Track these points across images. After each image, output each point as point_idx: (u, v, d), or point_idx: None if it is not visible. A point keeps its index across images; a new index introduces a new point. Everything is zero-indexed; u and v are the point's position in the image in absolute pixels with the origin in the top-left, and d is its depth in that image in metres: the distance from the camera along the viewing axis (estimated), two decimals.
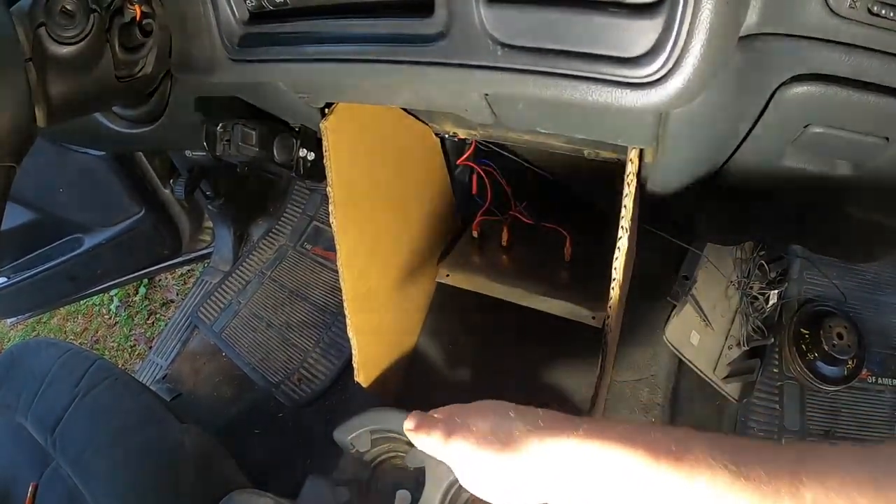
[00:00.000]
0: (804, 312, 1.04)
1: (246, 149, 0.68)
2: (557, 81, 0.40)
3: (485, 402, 0.50)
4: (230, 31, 0.57)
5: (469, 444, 0.45)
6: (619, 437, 0.38)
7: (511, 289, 1.02)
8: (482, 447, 0.44)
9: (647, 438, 0.36)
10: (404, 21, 0.45)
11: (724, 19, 0.37)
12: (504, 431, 0.45)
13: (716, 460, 0.33)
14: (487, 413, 0.48)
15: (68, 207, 1.22)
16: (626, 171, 0.57)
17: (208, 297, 1.39)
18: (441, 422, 0.51)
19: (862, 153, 0.49)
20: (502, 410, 0.48)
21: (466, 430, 0.47)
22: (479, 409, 0.50)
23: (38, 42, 0.53)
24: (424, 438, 0.51)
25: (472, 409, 0.50)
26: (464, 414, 0.49)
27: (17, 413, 0.87)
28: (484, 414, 0.48)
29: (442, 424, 0.50)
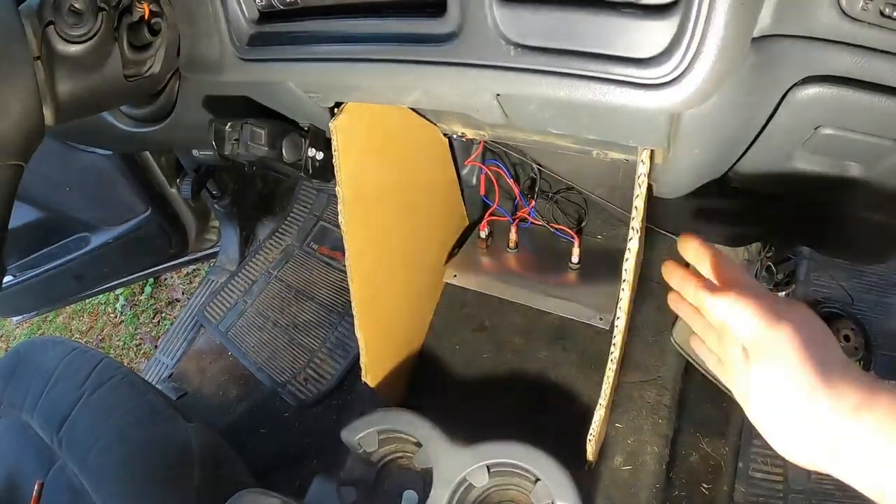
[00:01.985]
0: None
1: (255, 148, 0.68)
2: (570, 82, 0.40)
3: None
4: (239, 30, 0.57)
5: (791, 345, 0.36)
6: None
7: (518, 290, 1.02)
8: (802, 355, 0.36)
9: None
10: (416, 21, 0.45)
11: (738, 20, 0.37)
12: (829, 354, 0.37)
13: None
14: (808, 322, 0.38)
15: (75, 206, 1.23)
16: (637, 173, 0.57)
17: (214, 296, 1.39)
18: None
19: (872, 155, 0.49)
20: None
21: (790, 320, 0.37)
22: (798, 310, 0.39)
23: (47, 41, 0.53)
24: (739, 303, 0.38)
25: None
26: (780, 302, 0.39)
27: (24, 411, 0.88)
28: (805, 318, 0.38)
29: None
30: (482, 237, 1.09)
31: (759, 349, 0.38)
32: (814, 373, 0.36)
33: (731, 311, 0.39)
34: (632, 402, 0.90)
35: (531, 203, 1.09)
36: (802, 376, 0.36)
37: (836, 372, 0.36)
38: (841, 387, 0.36)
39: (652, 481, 0.84)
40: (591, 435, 0.74)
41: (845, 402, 0.35)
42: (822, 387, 0.36)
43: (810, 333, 0.37)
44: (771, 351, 0.37)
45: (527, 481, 0.70)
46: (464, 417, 0.93)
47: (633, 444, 0.87)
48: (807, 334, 0.37)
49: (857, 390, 0.35)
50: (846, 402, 0.35)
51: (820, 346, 0.37)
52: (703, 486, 0.90)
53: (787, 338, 0.37)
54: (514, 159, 1.07)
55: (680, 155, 0.53)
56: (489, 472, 0.70)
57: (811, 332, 0.37)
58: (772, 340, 0.37)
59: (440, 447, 0.71)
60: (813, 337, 0.37)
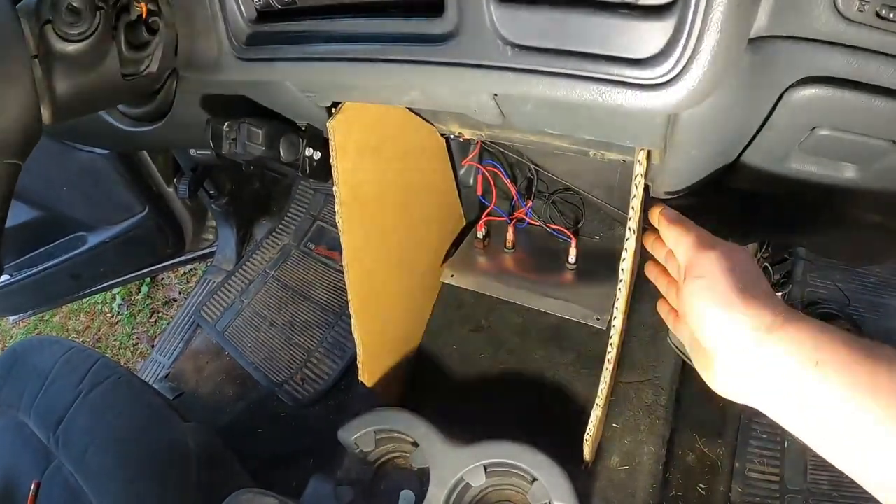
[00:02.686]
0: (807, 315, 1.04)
1: (252, 147, 0.67)
2: (567, 82, 0.40)
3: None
4: (237, 29, 0.57)
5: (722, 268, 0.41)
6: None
7: (515, 290, 1.02)
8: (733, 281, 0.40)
9: None
10: (414, 21, 0.45)
11: (734, 22, 0.37)
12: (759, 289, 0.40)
13: None
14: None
15: (72, 205, 1.22)
16: (633, 173, 0.57)
17: (211, 296, 1.39)
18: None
19: (867, 156, 0.49)
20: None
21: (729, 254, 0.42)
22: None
23: (44, 39, 0.53)
24: (681, 230, 0.46)
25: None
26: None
27: (20, 411, 0.87)
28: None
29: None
30: (479, 237, 1.09)
31: (690, 269, 0.43)
32: (733, 289, 0.40)
33: (676, 240, 0.46)
34: (628, 402, 0.90)
35: (528, 203, 1.09)
36: (722, 291, 0.40)
37: (756, 294, 0.39)
38: (757, 306, 0.38)
39: (649, 481, 0.85)
40: (588, 435, 0.74)
41: (760, 321, 0.38)
42: (739, 302, 0.39)
43: (737, 261, 0.42)
44: (698, 270, 0.42)
45: (524, 481, 0.70)
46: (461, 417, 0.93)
47: (630, 444, 0.87)
48: (733, 261, 0.41)
49: (774, 312, 0.38)
50: (761, 320, 0.38)
51: (744, 272, 0.41)
52: (700, 486, 0.91)
53: (713, 259, 0.42)
54: (511, 159, 1.07)
55: (677, 155, 0.53)
56: (486, 471, 0.70)
57: (737, 260, 0.42)
58: (701, 259, 0.42)
59: (437, 447, 0.71)
60: (739, 264, 0.41)
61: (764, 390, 0.38)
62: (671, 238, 0.48)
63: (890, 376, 0.33)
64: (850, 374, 0.34)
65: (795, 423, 0.37)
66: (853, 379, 0.34)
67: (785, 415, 0.37)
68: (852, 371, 0.34)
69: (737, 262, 0.42)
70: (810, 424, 0.36)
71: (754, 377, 0.38)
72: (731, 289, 0.40)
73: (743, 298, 0.39)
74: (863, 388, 0.33)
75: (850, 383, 0.34)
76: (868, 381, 0.33)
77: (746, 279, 0.40)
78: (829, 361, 0.35)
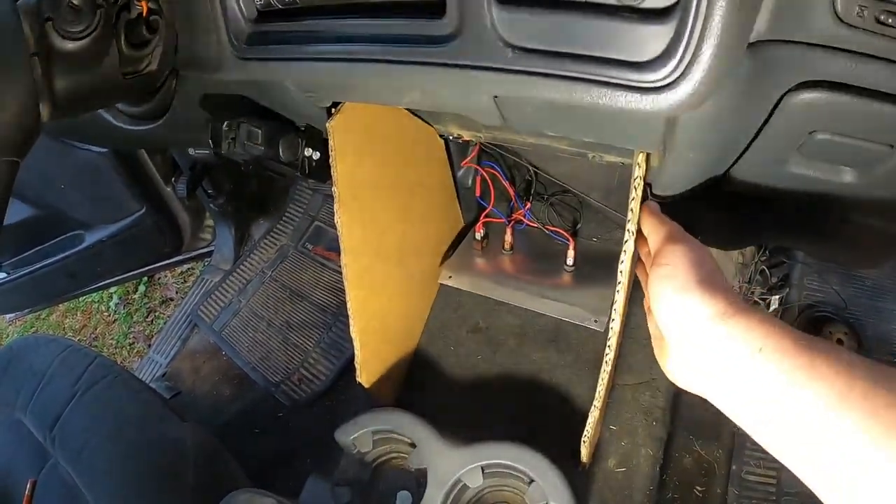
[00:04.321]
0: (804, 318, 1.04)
1: (252, 147, 0.67)
2: (568, 84, 0.40)
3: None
4: (238, 28, 0.57)
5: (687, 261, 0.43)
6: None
7: (513, 291, 1.02)
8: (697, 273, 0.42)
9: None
10: (415, 21, 0.45)
11: (734, 26, 0.37)
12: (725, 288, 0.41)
13: None
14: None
15: (69, 204, 1.22)
16: (632, 175, 0.57)
17: (209, 295, 1.39)
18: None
19: (866, 160, 0.49)
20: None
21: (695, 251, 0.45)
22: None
23: (44, 36, 0.53)
24: (656, 222, 0.50)
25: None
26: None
27: (16, 409, 0.87)
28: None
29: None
30: (478, 239, 1.09)
31: (657, 258, 0.46)
32: (692, 278, 0.42)
33: (650, 230, 0.50)
34: (626, 404, 0.91)
35: (527, 205, 1.09)
36: (681, 279, 0.42)
37: (713, 286, 0.41)
38: (712, 296, 0.40)
39: (645, 483, 0.85)
40: (586, 436, 0.74)
41: (714, 309, 0.39)
42: (696, 290, 0.41)
43: (700, 256, 0.44)
44: (663, 258, 0.45)
45: (521, 482, 0.70)
46: (458, 418, 0.94)
47: (627, 446, 0.87)
48: (697, 255, 0.44)
49: (727, 302, 0.39)
50: (714, 308, 0.39)
51: (704, 266, 0.43)
52: (697, 488, 0.91)
53: (678, 250, 0.44)
54: (509, 161, 1.07)
55: (675, 158, 0.53)
56: (483, 472, 0.70)
57: (701, 256, 0.44)
58: (667, 249, 0.45)
59: (435, 448, 0.71)
60: (702, 259, 0.44)
61: (711, 377, 0.40)
62: (646, 228, 0.51)
63: (828, 363, 0.34)
64: (791, 360, 0.35)
65: (740, 411, 0.38)
66: (793, 364, 0.34)
67: (731, 403, 0.39)
68: (792, 357, 0.35)
69: (700, 257, 0.44)
70: (753, 413, 0.37)
71: (702, 365, 0.40)
72: (689, 278, 0.42)
73: (700, 287, 0.41)
74: (802, 374, 0.34)
75: (790, 369, 0.34)
76: (807, 367, 0.34)
77: (705, 272, 0.42)
78: (771, 348, 0.36)
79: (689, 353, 0.41)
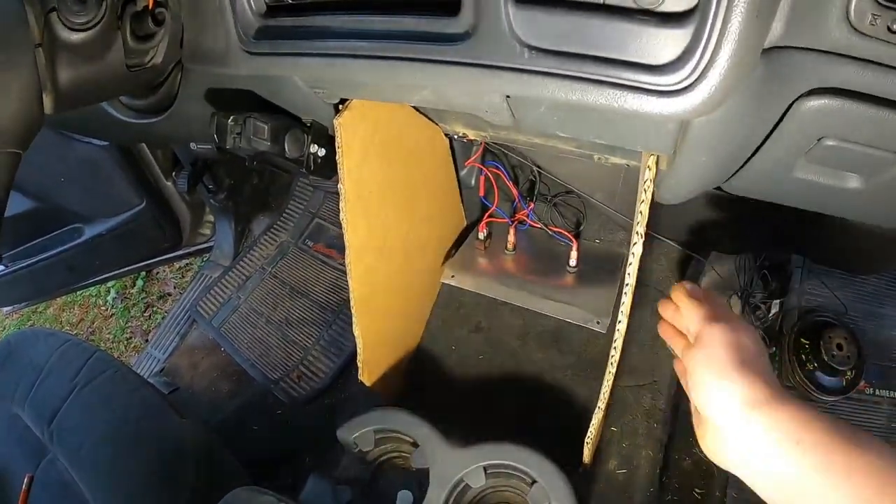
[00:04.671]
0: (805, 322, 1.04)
1: (257, 143, 0.67)
2: (583, 86, 0.40)
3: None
4: (246, 22, 0.56)
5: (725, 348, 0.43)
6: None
7: (516, 291, 1.02)
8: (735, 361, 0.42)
9: None
10: (429, 19, 0.45)
11: (751, 32, 0.37)
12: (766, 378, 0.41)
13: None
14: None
15: (69, 197, 1.21)
16: (642, 178, 0.57)
17: (208, 291, 1.38)
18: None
19: (872, 167, 0.49)
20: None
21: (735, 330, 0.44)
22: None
23: (49, 27, 0.52)
24: (694, 302, 0.49)
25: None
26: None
27: (14, 403, 0.86)
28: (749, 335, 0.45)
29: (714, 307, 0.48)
30: (480, 238, 1.09)
31: (697, 340, 0.46)
32: (731, 362, 0.42)
33: (690, 311, 0.48)
34: (627, 405, 0.91)
35: (530, 205, 1.09)
36: (720, 362, 0.42)
37: (752, 370, 0.41)
38: (751, 382, 0.40)
39: (646, 485, 0.85)
40: (589, 437, 0.74)
41: (752, 395, 0.40)
42: (734, 375, 0.41)
43: (740, 337, 0.44)
44: (703, 341, 0.45)
45: (523, 483, 0.70)
46: (459, 418, 0.93)
47: (628, 448, 0.87)
48: (736, 336, 0.44)
49: (766, 389, 0.40)
50: (752, 395, 0.40)
51: (744, 348, 0.43)
52: (696, 490, 0.91)
53: (718, 332, 0.44)
54: (513, 161, 1.07)
55: (685, 161, 0.53)
56: (486, 473, 0.70)
57: (741, 337, 0.44)
58: (708, 331, 0.45)
59: (437, 448, 0.71)
60: (742, 340, 0.44)
61: (747, 463, 0.40)
62: (684, 307, 0.50)
63: (864, 460, 0.35)
64: (827, 455, 0.36)
65: (775, 498, 0.39)
66: (830, 459, 0.35)
67: (765, 489, 0.39)
68: (830, 452, 0.36)
69: (740, 338, 0.44)
70: (786, 499, 0.38)
71: (739, 449, 0.40)
72: (728, 361, 0.42)
73: (739, 372, 0.41)
74: (838, 469, 0.35)
75: (827, 463, 0.35)
76: (844, 462, 0.35)
77: (746, 355, 0.43)
78: (808, 442, 0.36)
79: (725, 436, 0.41)
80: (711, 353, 0.43)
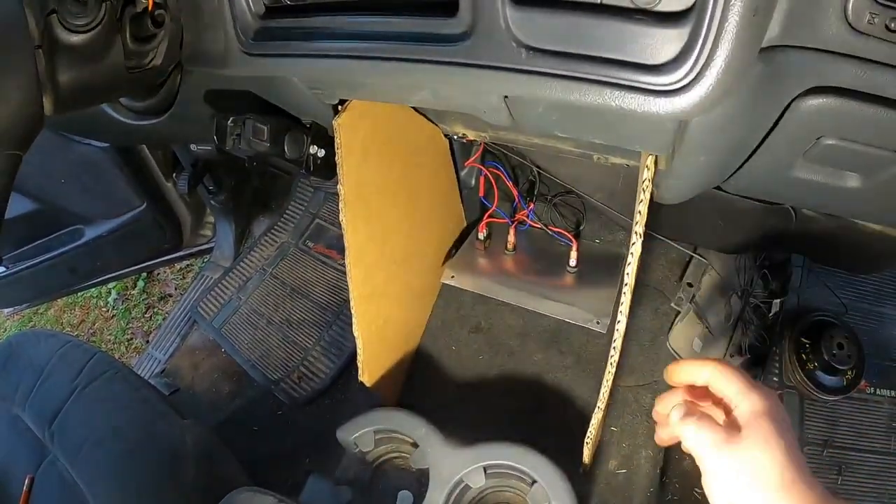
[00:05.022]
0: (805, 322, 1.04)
1: (257, 144, 0.67)
2: (581, 86, 0.40)
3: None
4: (245, 24, 0.57)
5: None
6: None
7: (516, 292, 1.02)
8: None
9: None
10: (427, 20, 0.45)
11: (748, 31, 0.37)
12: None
13: None
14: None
15: (69, 198, 1.21)
16: (640, 178, 0.57)
17: (208, 292, 1.38)
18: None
19: (871, 166, 0.49)
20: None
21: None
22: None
23: (49, 29, 0.52)
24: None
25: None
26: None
27: (15, 404, 0.86)
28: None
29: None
30: (480, 239, 1.09)
31: (745, 431, 0.39)
32: (787, 464, 0.37)
33: (725, 382, 0.42)
34: (627, 405, 0.91)
35: (530, 205, 1.09)
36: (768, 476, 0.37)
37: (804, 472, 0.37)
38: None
39: (646, 485, 0.85)
40: (589, 438, 0.74)
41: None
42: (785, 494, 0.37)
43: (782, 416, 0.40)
44: (751, 438, 0.39)
45: (523, 483, 0.70)
46: (459, 418, 0.93)
47: (628, 448, 0.87)
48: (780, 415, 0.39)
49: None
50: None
51: (788, 432, 0.39)
52: (696, 490, 0.91)
53: (766, 427, 0.39)
54: (513, 161, 1.07)
55: (684, 161, 0.53)
56: (486, 473, 0.70)
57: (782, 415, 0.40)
58: (754, 425, 0.39)
59: (437, 448, 0.71)
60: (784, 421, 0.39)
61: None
62: (722, 379, 0.43)
63: None
64: None
65: None
66: None
67: None
68: None
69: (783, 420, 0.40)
70: None
71: None
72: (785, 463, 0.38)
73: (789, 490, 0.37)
74: None
75: None
76: None
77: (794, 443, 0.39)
78: None
79: None
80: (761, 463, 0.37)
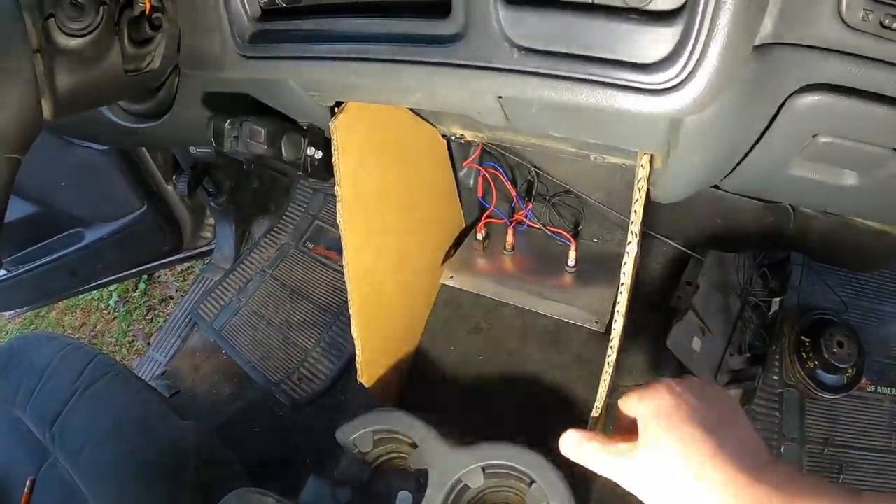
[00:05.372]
0: (805, 320, 1.04)
1: (254, 146, 0.67)
2: (574, 86, 0.40)
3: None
4: (241, 27, 0.57)
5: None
6: None
7: (514, 292, 1.02)
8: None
9: None
10: (420, 21, 0.45)
11: (740, 28, 0.37)
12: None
13: None
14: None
15: (70, 201, 1.22)
16: (636, 177, 0.57)
17: (209, 294, 1.39)
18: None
19: (868, 163, 0.49)
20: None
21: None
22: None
23: (47, 33, 0.53)
24: None
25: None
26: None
27: (16, 406, 0.87)
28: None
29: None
30: (479, 239, 1.09)
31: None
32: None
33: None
34: None
35: (528, 205, 1.09)
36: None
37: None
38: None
39: None
40: None
41: None
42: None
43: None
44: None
45: (522, 483, 0.70)
46: (458, 418, 0.94)
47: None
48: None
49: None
50: None
51: (687, 422, 0.40)
52: None
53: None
54: (511, 162, 1.07)
55: (679, 160, 0.53)
56: (484, 473, 0.70)
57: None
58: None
59: (436, 448, 0.71)
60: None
61: None
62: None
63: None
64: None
65: None
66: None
67: None
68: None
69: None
70: None
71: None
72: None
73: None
74: None
75: None
76: None
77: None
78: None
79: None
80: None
